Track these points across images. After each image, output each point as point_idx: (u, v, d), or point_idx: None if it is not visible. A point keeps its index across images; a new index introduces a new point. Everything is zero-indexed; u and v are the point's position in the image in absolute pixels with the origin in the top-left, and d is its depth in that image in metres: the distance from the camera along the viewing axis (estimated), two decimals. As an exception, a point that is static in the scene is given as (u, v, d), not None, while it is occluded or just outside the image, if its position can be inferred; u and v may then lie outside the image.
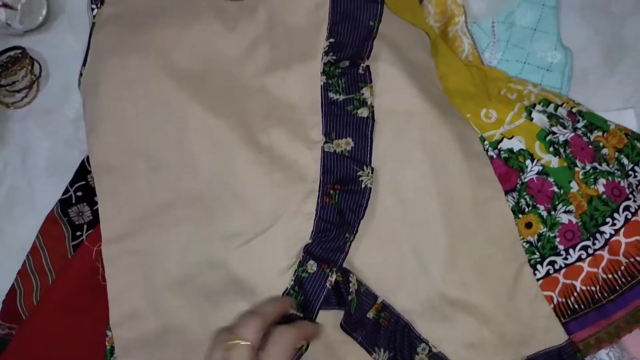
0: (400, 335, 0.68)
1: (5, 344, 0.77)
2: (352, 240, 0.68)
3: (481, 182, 0.71)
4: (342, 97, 0.71)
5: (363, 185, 0.69)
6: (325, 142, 0.71)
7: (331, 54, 0.72)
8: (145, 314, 0.71)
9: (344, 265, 0.68)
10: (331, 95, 0.71)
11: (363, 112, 0.70)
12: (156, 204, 0.73)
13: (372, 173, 0.69)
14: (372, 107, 0.70)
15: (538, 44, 0.86)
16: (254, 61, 0.74)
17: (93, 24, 0.78)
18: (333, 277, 0.67)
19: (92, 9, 0.81)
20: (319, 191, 0.70)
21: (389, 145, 0.71)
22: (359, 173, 0.69)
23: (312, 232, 0.70)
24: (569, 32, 0.87)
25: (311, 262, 0.68)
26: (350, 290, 0.67)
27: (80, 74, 0.77)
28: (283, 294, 0.69)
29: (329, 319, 0.69)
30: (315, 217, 0.70)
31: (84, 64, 0.77)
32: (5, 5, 0.84)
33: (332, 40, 0.72)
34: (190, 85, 0.73)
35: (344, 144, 0.70)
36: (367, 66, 0.70)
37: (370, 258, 0.70)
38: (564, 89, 0.84)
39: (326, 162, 0.71)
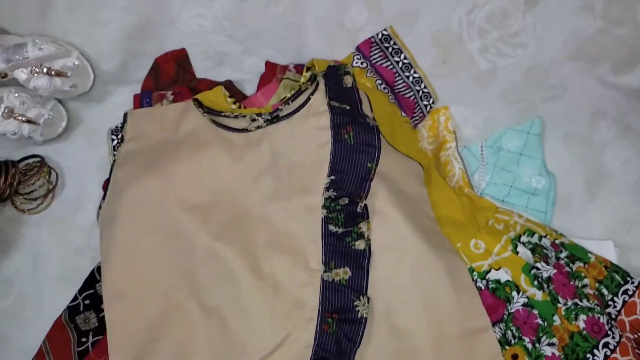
0: None
1: None
2: None
3: (470, 314, 0.76)
4: (341, 230, 0.76)
5: (359, 315, 0.73)
6: (325, 271, 0.75)
7: (332, 190, 0.77)
8: None
9: None
10: (331, 227, 0.76)
11: (360, 245, 0.75)
12: (164, 330, 0.77)
13: (367, 303, 0.74)
14: (369, 240, 0.75)
15: (524, 168, 0.93)
16: (258, 192, 0.80)
17: (114, 161, 0.84)
18: None
19: (112, 140, 0.87)
20: (318, 319, 0.74)
21: (384, 278, 0.76)
22: (355, 303, 0.74)
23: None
24: (553, 157, 0.94)
25: None
26: None
27: (100, 207, 0.82)
28: None
29: None
30: (314, 345, 0.73)
31: (103, 198, 0.82)
32: (29, 122, 0.90)
33: (332, 177, 0.78)
34: (199, 216, 0.78)
35: (342, 274, 0.75)
36: (365, 205, 0.76)
37: None
38: (548, 212, 0.90)
39: (325, 291, 0.75)
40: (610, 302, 0.78)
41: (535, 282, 0.77)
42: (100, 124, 0.94)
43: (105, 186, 0.83)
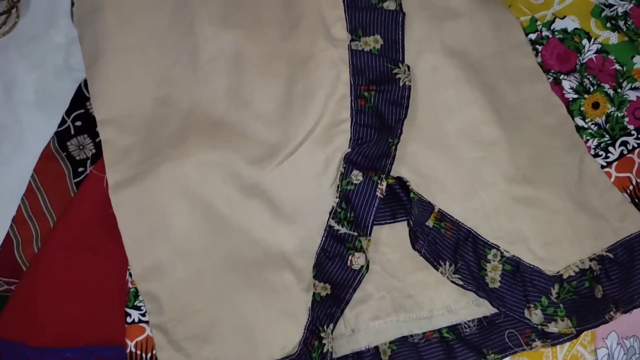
0: (464, 244, 0.61)
1: (5, 301, 0.66)
2: (397, 143, 0.61)
3: (523, 73, 0.66)
4: None
5: (402, 84, 0.62)
6: (352, 40, 0.64)
7: None
8: (173, 263, 0.62)
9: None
10: None
11: (389, 5, 0.64)
12: (167, 137, 0.64)
13: (408, 70, 0.63)
14: None
15: None
16: None
17: None
18: (384, 185, 0.59)
19: None
20: (351, 94, 0.63)
21: (423, 40, 0.65)
22: (395, 71, 0.63)
23: (350, 140, 0.63)
24: None
25: (355, 172, 0.61)
26: (411, 188, 0.60)
27: (72, 4, 0.69)
28: (330, 214, 0.61)
29: (383, 236, 0.62)
30: (352, 123, 0.63)
31: None
32: None
33: None
34: None
35: (373, 42, 0.64)
36: None
37: (419, 164, 0.64)
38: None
39: (355, 62, 0.64)
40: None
41: (609, 25, 0.67)
42: None
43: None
